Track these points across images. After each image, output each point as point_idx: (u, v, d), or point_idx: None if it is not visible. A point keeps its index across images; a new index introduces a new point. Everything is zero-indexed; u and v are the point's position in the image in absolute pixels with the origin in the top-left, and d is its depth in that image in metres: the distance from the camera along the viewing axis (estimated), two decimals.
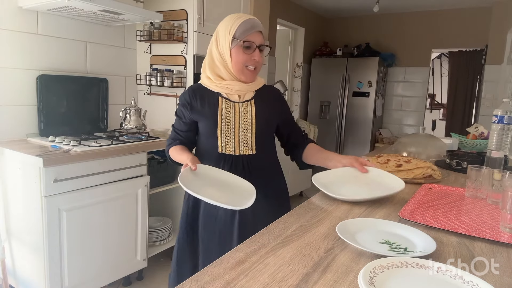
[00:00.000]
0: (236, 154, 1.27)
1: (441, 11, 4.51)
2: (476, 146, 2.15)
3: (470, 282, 0.64)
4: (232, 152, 1.27)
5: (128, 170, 2.06)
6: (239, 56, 1.23)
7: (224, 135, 1.26)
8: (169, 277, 1.43)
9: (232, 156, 1.27)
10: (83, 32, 2.37)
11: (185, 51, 2.51)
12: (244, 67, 1.25)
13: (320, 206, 1.10)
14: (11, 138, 2.04)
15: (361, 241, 0.82)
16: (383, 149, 2.28)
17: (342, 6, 4.66)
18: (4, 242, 1.95)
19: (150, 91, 2.74)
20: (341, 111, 4.74)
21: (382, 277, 0.65)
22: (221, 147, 1.27)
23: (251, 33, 1.23)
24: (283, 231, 0.89)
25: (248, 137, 1.28)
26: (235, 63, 1.24)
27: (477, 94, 4.52)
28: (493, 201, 1.16)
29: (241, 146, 1.27)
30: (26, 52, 2.08)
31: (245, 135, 1.27)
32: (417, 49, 4.71)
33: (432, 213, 1.04)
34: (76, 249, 1.84)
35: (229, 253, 0.77)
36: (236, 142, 1.27)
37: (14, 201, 1.90)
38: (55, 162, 1.70)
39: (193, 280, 0.66)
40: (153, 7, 2.49)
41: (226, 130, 1.26)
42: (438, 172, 1.47)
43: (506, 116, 1.55)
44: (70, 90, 2.28)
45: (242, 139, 1.27)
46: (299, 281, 0.66)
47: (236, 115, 1.27)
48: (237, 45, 1.22)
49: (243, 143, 1.27)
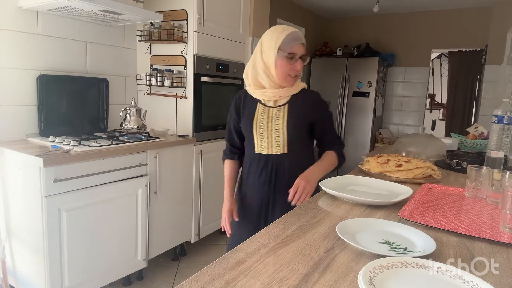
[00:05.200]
0: (268, 153, 1.42)
1: (441, 11, 4.50)
2: (476, 146, 2.16)
3: (470, 282, 0.64)
4: (265, 152, 1.42)
5: (128, 170, 2.07)
6: (284, 66, 1.35)
7: (259, 137, 1.42)
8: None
9: (265, 155, 1.42)
10: (83, 32, 2.37)
11: (185, 51, 2.51)
12: (287, 76, 1.37)
13: (320, 206, 1.10)
14: (11, 138, 2.04)
15: (361, 241, 0.82)
16: (383, 149, 2.28)
17: (342, 6, 4.66)
18: (4, 242, 1.95)
19: (150, 91, 2.74)
20: (341, 111, 4.74)
21: (382, 277, 0.65)
22: (257, 147, 1.43)
23: (294, 45, 1.34)
24: (283, 231, 0.89)
25: (280, 138, 1.40)
26: (280, 72, 1.36)
27: (477, 94, 4.52)
28: (493, 201, 1.16)
29: (273, 146, 1.41)
30: (26, 52, 2.08)
31: (277, 136, 1.40)
32: (417, 49, 4.71)
33: (432, 213, 1.04)
34: (76, 249, 1.84)
35: (229, 253, 0.77)
36: (269, 143, 1.41)
37: (14, 201, 1.90)
38: (55, 162, 1.70)
39: (193, 280, 0.66)
40: (153, 7, 2.50)
41: (260, 133, 1.41)
42: (438, 172, 1.47)
43: (506, 116, 1.55)
44: (70, 90, 2.28)
45: (275, 140, 1.41)
46: (299, 281, 0.66)
47: (269, 119, 1.41)
48: (282, 56, 1.34)
49: (275, 144, 1.41)
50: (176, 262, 2.60)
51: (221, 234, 3.11)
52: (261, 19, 3.11)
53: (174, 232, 2.49)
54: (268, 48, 1.35)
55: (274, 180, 1.42)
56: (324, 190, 1.20)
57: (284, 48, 1.33)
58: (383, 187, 1.28)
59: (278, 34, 1.34)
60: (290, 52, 1.33)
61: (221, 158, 1.60)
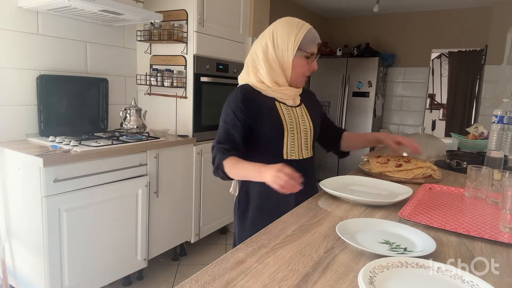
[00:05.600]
0: (299, 158, 1.26)
1: (441, 11, 4.50)
2: (476, 146, 2.15)
3: (470, 282, 0.64)
4: (296, 157, 1.25)
5: (128, 170, 2.07)
6: (302, 67, 1.24)
7: (290, 141, 1.24)
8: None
9: (296, 161, 1.24)
10: (83, 32, 2.37)
11: (185, 51, 2.51)
12: (303, 76, 1.27)
13: (320, 206, 1.10)
14: (11, 138, 2.04)
15: (361, 241, 0.82)
16: (383, 149, 2.28)
17: (342, 6, 4.66)
18: (4, 242, 1.95)
19: (150, 91, 2.74)
20: (341, 111, 4.73)
21: (382, 277, 0.65)
22: (286, 153, 1.24)
23: (314, 46, 1.25)
24: (283, 231, 0.89)
25: (308, 141, 1.29)
26: (297, 72, 1.24)
27: (477, 94, 4.52)
28: (493, 201, 1.16)
29: (303, 150, 1.28)
30: (26, 52, 2.08)
31: (305, 139, 1.28)
32: (417, 49, 4.71)
33: (432, 213, 1.04)
34: (76, 249, 1.84)
35: (229, 253, 0.77)
36: (299, 147, 1.26)
37: (14, 201, 1.90)
38: (55, 162, 1.70)
39: (193, 280, 0.66)
40: (153, 7, 2.50)
41: (291, 136, 1.24)
42: (438, 172, 1.47)
43: (506, 116, 1.55)
44: (70, 90, 2.28)
45: (303, 143, 1.28)
46: (299, 281, 0.66)
47: (296, 120, 1.26)
48: (300, 56, 1.22)
49: (304, 147, 1.28)
50: (176, 262, 2.60)
51: (221, 234, 3.11)
52: (261, 19, 3.12)
53: (174, 232, 2.49)
54: (284, 44, 1.21)
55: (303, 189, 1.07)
56: (324, 190, 1.20)
57: (305, 47, 1.22)
58: (383, 187, 1.28)
59: (297, 31, 1.20)
60: (310, 52, 1.23)
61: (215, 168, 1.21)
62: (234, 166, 1.17)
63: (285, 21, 1.25)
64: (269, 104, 1.24)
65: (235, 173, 1.19)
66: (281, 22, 1.24)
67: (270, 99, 1.25)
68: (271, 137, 1.23)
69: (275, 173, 1.03)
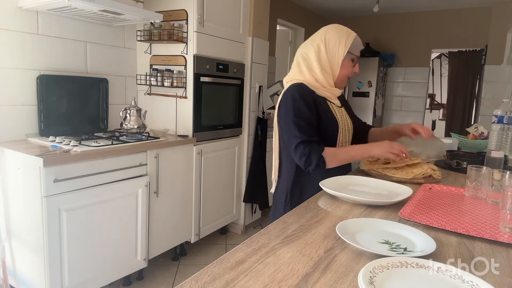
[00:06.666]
0: None
1: (441, 11, 4.51)
2: (476, 146, 2.15)
3: (470, 282, 0.64)
4: None
5: (128, 170, 2.07)
6: (348, 69, 1.38)
7: (341, 138, 1.38)
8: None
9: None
10: (83, 32, 2.37)
11: (185, 51, 2.51)
12: (346, 77, 1.40)
13: (320, 206, 1.10)
14: (11, 138, 2.04)
15: (361, 241, 0.82)
16: None
17: (342, 6, 4.66)
18: (4, 242, 1.95)
19: (150, 91, 2.74)
20: None
21: (382, 277, 0.65)
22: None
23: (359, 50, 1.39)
24: (283, 231, 0.89)
25: (350, 138, 1.42)
26: (343, 73, 1.37)
27: (477, 94, 4.52)
28: (493, 201, 1.16)
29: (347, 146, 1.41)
30: (26, 52, 2.08)
31: (349, 136, 1.41)
32: (417, 49, 4.71)
33: (432, 213, 1.04)
34: (76, 249, 1.84)
35: (229, 253, 0.77)
36: (345, 144, 1.41)
37: (14, 201, 1.90)
38: (55, 162, 1.70)
39: (193, 280, 0.66)
40: (153, 7, 2.50)
41: (342, 136, 1.38)
42: (438, 172, 1.47)
43: (506, 116, 1.55)
44: (70, 90, 2.28)
45: (348, 140, 1.41)
46: (299, 281, 0.66)
47: (343, 119, 1.39)
48: (348, 58, 1.36)
49: (347, 144, 1.42)
50: (176, 262, 2.60)
51: (221, 234, 3.11)
52: (261, 19, 3.11)
53: (174, 232, 2.49)
54: (335, 47, 1.34)
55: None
56: (324, 190, 1.20)
57: (353, 51, 1.36)
58: (383, 187, 1.28)
59: (347, 35, 1.35)
60: (356, 55, 1.37)
61: (315, 163, 1.27)
62: (335, 154, 1.30)
63: (336, 27, 1.39)
64: (323, 103, 1.36)
65: (339, 159, 1.31)
66: (332, 28, 1.38)
67: (323, 98, 1.37)
68: (327, 133, 1.34)
69: (388, 144, 1.28)
